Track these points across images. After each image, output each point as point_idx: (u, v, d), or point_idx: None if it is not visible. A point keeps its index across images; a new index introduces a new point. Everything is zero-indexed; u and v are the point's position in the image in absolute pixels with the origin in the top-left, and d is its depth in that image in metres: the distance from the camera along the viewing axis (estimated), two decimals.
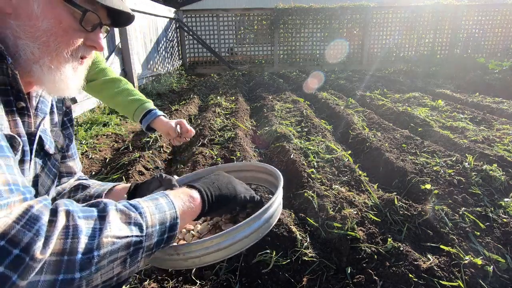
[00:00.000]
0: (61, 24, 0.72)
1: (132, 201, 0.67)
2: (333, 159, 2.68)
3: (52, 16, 0.70)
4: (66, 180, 1.08)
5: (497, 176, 2.25)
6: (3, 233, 0.46)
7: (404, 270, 1.46)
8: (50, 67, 0.73)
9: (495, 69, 6.93)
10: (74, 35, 0.74)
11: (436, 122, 3.70)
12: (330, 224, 1.78)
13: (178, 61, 8.95)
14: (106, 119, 4.13)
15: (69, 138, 1.03)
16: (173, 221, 0.69)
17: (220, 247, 0.74)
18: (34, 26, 0.69)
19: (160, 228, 0.66)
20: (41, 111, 0.85)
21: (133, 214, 0.62)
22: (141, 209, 0.64)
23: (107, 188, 1.05)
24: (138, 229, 0.61)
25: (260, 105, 4.82)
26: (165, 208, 0.69)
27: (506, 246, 1.67)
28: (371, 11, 9.08)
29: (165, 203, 0.70)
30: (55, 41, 0.72)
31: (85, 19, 0.74)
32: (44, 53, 0.71)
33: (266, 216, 0.82)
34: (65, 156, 1.05)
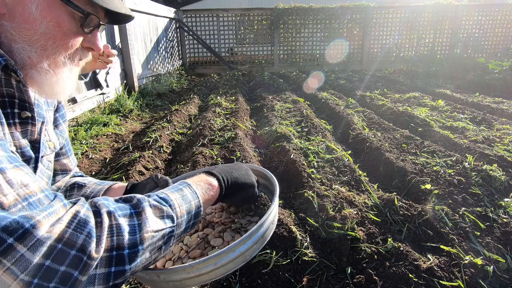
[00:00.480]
0: (60, 27, 0.68)
1: (161, 194, 0.71)
2: (333, 159, 2.68)
3: (51, 18, 0.66)
4: (61, 178, 1.06)
5: (497, 176, 2.25)
6: (59, 237, 0.50)
7: (404, 270, 1.46)
8: (48, 72, 0.70)
9: (495, 69, 6.93)
10: (73, 38, 0.71)
11: (436, 122, 3.70)
12: (330, 224, 1.78)
13: (178, 61, 8.95)
14: (106, 119, 4.13)
15: (62, 135, 0.99)
16: (198, 209, 0.75)
17: (202, 272, 0.72)
18: (31, 29, 0.66)
19: (188, 216, 0.72)
20: (39, 116, 0.82)
21: (165, 208, 0.67)
22: (170, 201, 0.69)
23: (103, 188, 1.04)
24: (171, 221, 0.67)
25: (260, 105, 4.82)
26: (190, 198, 0.74)
27: (506, 246, 1.67)
28: (371, 11, 9.08)
29: (189, 194, 0.75)
30: (53, 44, 0.68)
31: (86, 22, 0.71)
32: (42, 57, 0.68)
33: (255, 238, 0.78)
34: (59, 154, 1.02)
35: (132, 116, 4.61)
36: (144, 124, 4.33)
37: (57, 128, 0.98)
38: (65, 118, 1.02)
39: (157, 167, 2.83)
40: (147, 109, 5.14)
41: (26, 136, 0.75)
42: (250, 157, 2.76)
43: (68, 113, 3.75)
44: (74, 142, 3.38)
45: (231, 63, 9.45)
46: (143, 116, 4.77)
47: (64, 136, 1.00)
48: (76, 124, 3.93)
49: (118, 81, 5.15)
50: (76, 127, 3.83)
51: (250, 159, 2.72)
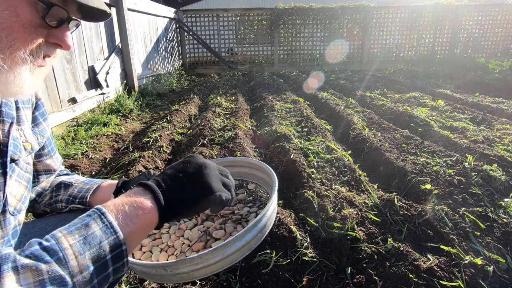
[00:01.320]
0: (18, 18, 0.59)
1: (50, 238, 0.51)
2: (333, 159, 2.68)
3: (6, 7, 0.58)
4: (45, 179, 1.00)
5: (497, 176, 2.25)
6: None
7: (404, 270, 1.46)
8: (2, 67, 0.60)
9: (495, 69, 6.93)
10: (35, 32, 0.62)
11: (436, 122, 3.70)
12: (330, 224, 1.78)
13: (178, 61, 8.95)
14: (106, 119, 4.13)
15: (42, 135, 0.91)
16: (116, 251, 0.55)
17: (210, 263, 0.70)
18: None
19: (97, 267, 0.52)
20: (7, 116, 0.74)
21: (45, 266, 0.46)
22: (60, 252, 0.49)
23: (92, 187, 0.96)
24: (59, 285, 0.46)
25: (260, 105, 4.82)
26: (99, 238, 0.54)
27: (506, 246, 1.67)
28: (371, 11, 9.08)
29: (99, 230, 0.54)
30: (8, 36, 0.59)
31: (49, 14, 0.61)
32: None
33: (259, 227, 0.77)
34: (41, 154, 0.96)
35: (132, 116, 4.61)
36: (144, 124, 4.33)
37: (37, 127, 0.90)
38: (45, 116, 0.94)
39: (157, 167, 2.83)
40: (147, 109, 5.14)
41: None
42: (250, 157, 2.76)
43: (68, 113, 3.75)
44: (74, 142, 3.38)
45: (231, 63, 9.45)
46: (143, 116, 4.77)
47: (44, 135, 0.93)
48: (76, 124, 3.93)
49: (118, 81, 5.15)
50: (76, 127, 3.83)
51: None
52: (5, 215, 0.73)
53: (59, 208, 0.97)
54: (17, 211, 0.77)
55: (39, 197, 0.98)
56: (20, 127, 0.81)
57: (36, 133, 0.89)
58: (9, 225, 0.75)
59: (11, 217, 0.75)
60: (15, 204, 0.76)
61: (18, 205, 0.77)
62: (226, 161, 1.13)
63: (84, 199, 0.95)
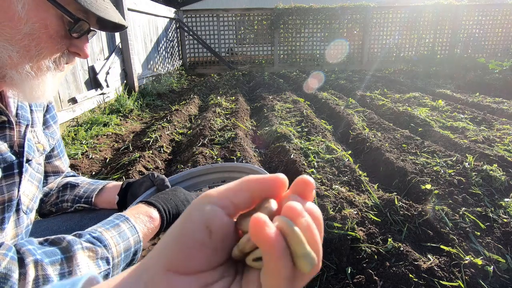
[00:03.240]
0: (47, 30, 0.65)
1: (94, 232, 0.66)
2: (333, 159, 2.68)
3: (38, 19, 0.63)
4: (53, 180, 1.03)
5: (497, 176, 2.25)
6: None
7: (404, 270, 1.46)
8: (29, 74, 0.66)
9: (495, 69, 6.93)
10: (60, 42, 0.68)
11: (436, 122, 3.70)
12: (330, 224, 1.78)
13: (178, 61, 8.95)
14: (106, 119, 4.13)
15: (52, 137, 0.95)
16: (137, 246, 0.72)
17: None
18: (14, 28, 0.62)
19: (125, 255, 0.68)
20: (23, 118, 0.79)
21: (99, 249, 0.63)
22: (105, 241, 0.65)
23: (97, 188, 1.01)
24: (106, 263, 0.63)
25: (260, 105, 4.82)
26: (128, 235, 0.70)
27: (507, 246, 1.67)
28: (371, 11, 9.08)
29: (127, 229, 0.71)
30: (37, 46, 0.65)
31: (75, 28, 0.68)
32: (24, 58, 0.64)
33: None
34: (50, 156, 1.00)
35: (132, 116, 4.61)
36: (144, 124, 4.33)
37: (48, 129, 0.95)
38: (56, 119, 0.99)
39: (157, 167, 2.83)
40: (147, 109, 5.14)
41: (6, 141, 0.72)
42: (250, 157, 2.76)
43: (68, 113, 3.75)
44: (75, 142, 3.38)
45: (231, 63, 9.45)
46: (143, 116, 4.77)
47: (55, 137, 0.97)
48: (76, 124, 3.93)
49: (118, 81, 5.15)
50: (76, 127, 3.83)
51: (250, 159, 2.72)
52: (19, 213, 0.77)
53: (64, 208, 1.00)
54: (29, 210, 0.81)
55: (46, 197, 1.01)
56: (33, 129, 0.85)
57: (47, 135, 0.92)
58: (22, 223, 0.78)
59: (24, 215, 0.78)
60: (27, 203, 0.80)
61: (30, 204, 0.81)
62: (228, 166, 1.15)
63: (90, 199, 0.98)
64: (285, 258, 0.27)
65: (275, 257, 0.26)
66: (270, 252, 0.26)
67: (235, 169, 1.15)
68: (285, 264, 0.26)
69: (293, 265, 0.27)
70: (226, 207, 0.29)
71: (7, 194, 0.72)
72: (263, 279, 0.27)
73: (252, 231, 0.26)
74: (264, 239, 0.26)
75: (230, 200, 0.29)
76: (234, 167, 1.16)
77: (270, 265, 0.26)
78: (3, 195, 0.71)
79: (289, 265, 0.27)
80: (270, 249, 0.26)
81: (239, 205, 0.30)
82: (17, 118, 0.77)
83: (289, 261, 0.27)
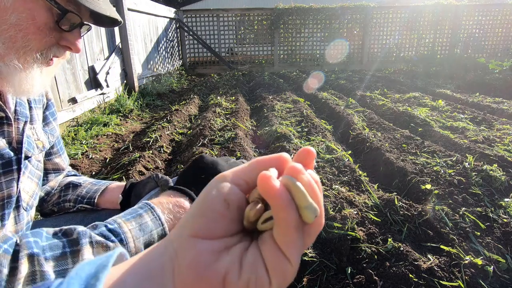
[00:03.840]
0: (34, 21, 0.63)
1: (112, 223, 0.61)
2: (333, 159, 2.68)
3: (24, 9, 0.62)
4: (54, 177, 1.03)
5: (498, 176, 2.25)
6: None
7: (404, 270, 1.46)
8: (16, 66, 0.65)
9: (495, 69, 6.93)
10: (48, 34, 0.66)
11: (436, 122, 3.70)
12: (330, 224, 1.78)
13: (178, 61, 8.95)
14: (106, 119, 4.13)
15: (52, 134, 0.95)
16: None
17: None
18: (0, 18, 0.61)
19: None
20: (22, 115, 0.78)
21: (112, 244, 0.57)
22: (122, 234, 0.59)
23: (100, 188, 1.00)
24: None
25: (260, 105, 4.82)
26: (151, 227, 0.64)
27: (507, 246, 1.67)
28: (371, 11, 9.08)
29: (150, 220, 0.65)
30: (24, 38, 0.63)
31: (63, 19, 0.66)
32: (10, 50, 0.63)
33: None
34: (50, 153, 0.99)
35: (132, 116, 4.61)
36: (144, 124, 4.33)
37: (47, 126, 0.94)
38: (55, 116, 0.99)
39: (157, 167, 2.83)
40: (147, 109, 5.14)
41: (4, 137, 0.72)
42: (250, 157, 2.76)
43: (68, 113, 3.75)
44: (75, 142, 3.38)
45: (231, 63, 9.45)
46: (143, 116, 4.77)
47: (54, 134, 0.97)
48: (76, 124, 3.93)
49: (118, 81, 5.15)
50: (76, 127, 3.83)
51: (250, 159, 2.72)
52: (19, 210, 0.77)
53: (66, 208, 0.99)
54: (29, 206, 0.81)
55: (48, 196, 1.01)
56: (33, 126, 0.85)
57: (46, 132, 0.92)
58: (22, 220, 0.78)
59: (24, 212, 0.78)
60: (27, 200, 0.80)
61: (30, 201, 0.81)
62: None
63: (92, 199, 0.97)
64: (291, 207, 0.30)
65: (282, 206, 0.30)
66: (277, 203, 0.30)
67: None
68: (291, 213, 0.30)
69: (299, 217, 0.31)
70: (239, 184, 0.34)
71: (6, 191, 0.72)
72: (276, 233, 0.31)
73: (260, 185, 0.30)
74: (271, 191, 0.30)
75: (242, 178, 0.34)
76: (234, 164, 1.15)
77: (279, 216, 0.30)
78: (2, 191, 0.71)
79: (295, 215, 0.30)
80: (277, 200, 0.30)
81: (250, 182, 0.34)
82: (15, 114, 0.76)
83: (295, 211, 0.30)
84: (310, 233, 0.33)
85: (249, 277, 0.30)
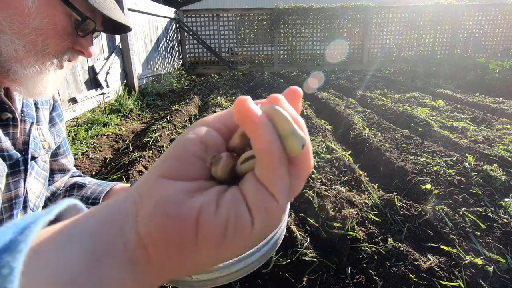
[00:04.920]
0: (55, 26, 0.66)
1: None
2: (333, 159, 2.68)
3: (46, 15, 0.65)
4: (60, 178, 1.04)
5: (498, 176, 2.25)
6: None
7: (404, 270, 1.46)
8: (33, 68, 0.67)
9: (495, 69, 6.93)
10: (66, 39, 0.69)
11: (436, 122, 3.70)
12: (330, 224, 1.78)
13: (178, 61, 8.95)
14: (106, 119, 4.13)
15: (58, 135, 0.96)
16: None
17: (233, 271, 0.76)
18: (23, 22, 0.63)
19: None
20: (28, 116, 0.79)
21: None
22: None
23: (105, 189, 1.01)
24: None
25: None
26: None
27: (507, 246, 1.67)
28: (371, 11, 9.08)
29: None
30: (44, 41, 0.66)
31: (82, 26, 0.69)
32: (30, 53, 0.66)
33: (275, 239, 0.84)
34: (56, 153, 1.00)
35: (132, 116, 4.61)
36: (144, 124, 4.33)
37: (54, 127, 0.96)
38: (61, 117, 1.00)
39: None
40: (147, 109, 5.14)
41: (9, 138, 0.73)
42: None
43: (68, 113, 3.75)
44: (75, 142, 3.38)
45: (231, 63, 9.45)
46: (143, 116, 4.77)
47: (61, 135, 0.98)
48: (76, 124, 3.93)
49: (118, 81, 5.15)
50: (77, 127, 3.83)
51: None
52: (26, 210, 0.77)
53: None
54: (36, 207, 0.81)
55: (53, 196, 1.01)
56: (39, 127, 0.86)
57: (53, 133, 0.93)
58: None
59: (31, 213, 0.79)
60: (34, 201, 0.80)
61: (37, 202, 0.82)
62: None
63: (97, 200, 0.98)
64: (273, 136, 0.26)
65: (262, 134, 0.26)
66: (256, 129, 0.26)
67: None
68: (274, 142, 0.26)
69: (283, 148, 0.27)
70: (219, 129, 0.31)
71: (14, 191, 0.73)
72: (258, 171, 0.27)
73: (236, 110, 0.27)
74: (248, 114, 0.26)
75: (223, 123, 0.31)
76: None
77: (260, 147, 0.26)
78: (10, 192, 0.72)
79: (278, 145, 0.27)
80: (256, 125, 0.26)
81: (231, 126, 0.31)
82: (22, 115, 0.77)
83: (277, 141, 0.27)
84: (299, 174, 0.29)
85: (228, 214, 0.26)
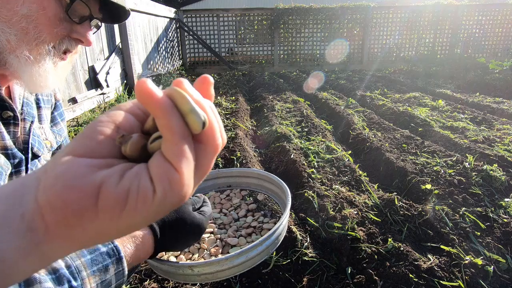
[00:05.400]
0: (45, 11, 0.63)
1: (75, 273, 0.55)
2: (333, 159, 2.68)
3: (34, 0, 0.62)
4: None
5: (498, 176, 2.25)
6: None
7: (404, 270, 1.46)
8: (28, 58, 0.64)
9: (495, 69, 6.93)
10: (59, 25, 0.66)
11: (436, 122, 3.70)
12: (330, 224, 1.78)
13: (178, 61, 8.95)
14: None
15: (59, 134, 0.95)
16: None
17: (234, 265, 0.74)
18: (11, 10, 0.61)
19: None
20: (29, 115, 0.78)
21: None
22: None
23: None
24: None
25: (261, 105, 4.82)
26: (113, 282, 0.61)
27: (507, 246, 1.67)
28: (371, 11, 9.07)
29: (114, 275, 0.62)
30: (35, 29, 0.63)
31: (72, 8, 0.67)
32: (22, 42, 0.63)
33: (276, 235, 0.83)
34: None
35: None
36: None
37: (55, 126, 0.95)
38: (63, 116, 1.00)
39: None
40: None
41: (10, 136, 0.72)
42: (250, 157, 2.76)
43: (68, 113, 3.75)
44: None
45: (231, 63, 9.44)
46: None
47: (62, 134, 0.97)
48: (76, 124, 3.93)
49: (118, 81, 5.15)
50: (77, 127, 3.83)
51: (250, 159, 2.72)
52: None
53: None
54: None
55: None
56: (41, 126, 0.85)
57: (54, 132, 0.92)
58: None
59: None
60: None
61: None
62: (235, 172, 1.17)
63: None
64: (173, 113, 0.28)
65: (163, 112, 0.28)
66: (156, 107, 0.28)
67: (241, 174, 1.16)
68: (174, 119, 0.28)
69: (185, 124, 0.29)
70: (136, 113, 0.32)
71: None
72: (164, 147, 0.29)
73: (137, 91, 0.28)
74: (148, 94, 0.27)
75: (139, 107, 0.33)
76: (240, 172, 1.17)
77: (162, 124, 0.28)
78: None
79: (180, 121, 0.29)
80: (156, 104, 0.28)
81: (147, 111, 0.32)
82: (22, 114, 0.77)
83: (179, 118, 0.29)
84: (206, 153, 0.31)
85: (130, 184, 0.27)
